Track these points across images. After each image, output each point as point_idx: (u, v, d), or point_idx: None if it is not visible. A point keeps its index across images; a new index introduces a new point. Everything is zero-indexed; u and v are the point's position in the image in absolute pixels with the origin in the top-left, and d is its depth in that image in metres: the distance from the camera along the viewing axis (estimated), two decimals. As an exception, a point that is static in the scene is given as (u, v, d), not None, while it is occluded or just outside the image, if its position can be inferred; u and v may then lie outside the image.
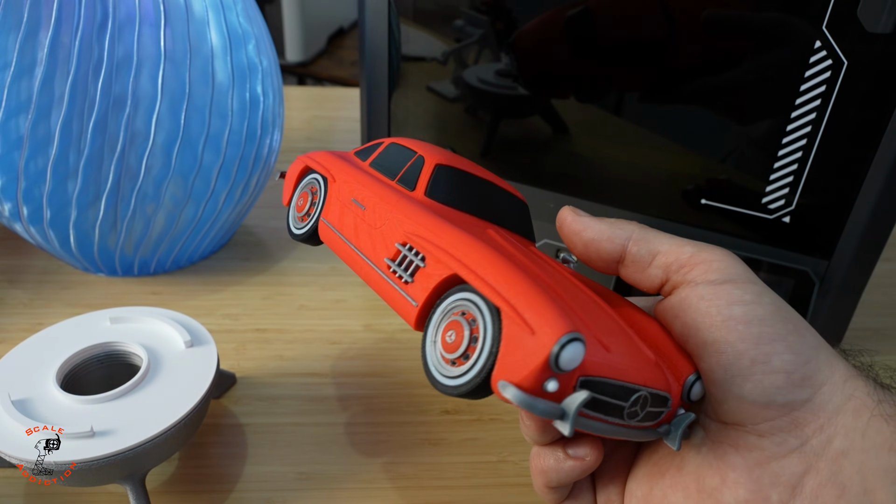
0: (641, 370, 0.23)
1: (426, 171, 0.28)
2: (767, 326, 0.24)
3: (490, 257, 0.22)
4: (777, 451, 0.24)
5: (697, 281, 0.25)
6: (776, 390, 0.23)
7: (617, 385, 0.22)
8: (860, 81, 0.37)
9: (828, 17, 0.36)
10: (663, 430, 0.25)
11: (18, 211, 0.45)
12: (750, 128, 0.41)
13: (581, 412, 0.21)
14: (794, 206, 0.41)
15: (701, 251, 0.26)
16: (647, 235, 0.27)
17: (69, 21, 0.41)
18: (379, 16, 0.50)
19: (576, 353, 0.20)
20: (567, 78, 0.46)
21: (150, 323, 0.38)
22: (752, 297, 0.24)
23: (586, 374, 0.21)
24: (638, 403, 0.23)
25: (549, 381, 0.20)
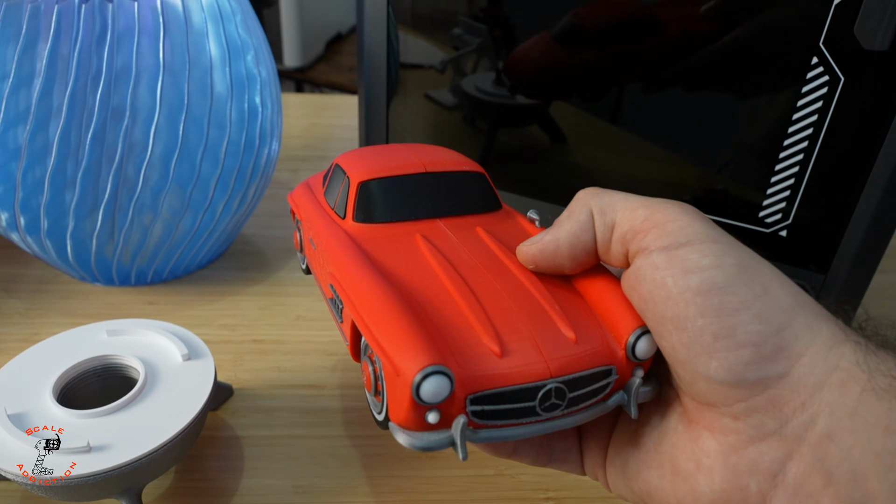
0: (550, 357, 0.22)
1: (352, 194, 0.30)
2: (729, 294, 0.21)
3: (377, 302, 0.23)
4: (754, 435, 0.21)
5: (651, 248, 0.23)
6: (745, 366, 0.21)
7: (513, 390, 0.22)
8: (857, 97, 0.37)
9: (825, 34, 0.36)
10: (615, 400, 0.24)
11: (16, 221, 0.45)
12: (747, 141, 0.42)
13: (485, 425, 0.22)
14: (790, 220, 0.42)
15: (654, 212, 0.23)
16: (602, 204, 0.25)
17: (68, 32, 0.41)
18: (377, 24, 0.50)
19: (437, 385, 0.20)
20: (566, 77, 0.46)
21: (147, 335, 0.38)
22: (710, 260, 0.21)
23: (472, 392, 0.21)
24: (551, 397, 0.22)
25: (428, 415, 0.21)
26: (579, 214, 0.25)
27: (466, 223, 0.30)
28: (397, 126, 0.54)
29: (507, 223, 0.30)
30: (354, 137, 0.79)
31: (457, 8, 0.48)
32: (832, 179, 0.40)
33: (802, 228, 0.42)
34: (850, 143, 0.38)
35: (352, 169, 0.31)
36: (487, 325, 0.23)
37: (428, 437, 0.21)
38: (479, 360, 0.22)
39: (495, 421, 0.22)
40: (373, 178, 0.30)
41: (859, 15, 0.35)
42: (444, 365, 0.20)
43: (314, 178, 0.36)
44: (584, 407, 0.23)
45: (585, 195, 0.25)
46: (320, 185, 0.34)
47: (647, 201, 0.24)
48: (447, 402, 0.21)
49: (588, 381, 0.23)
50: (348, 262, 0.26)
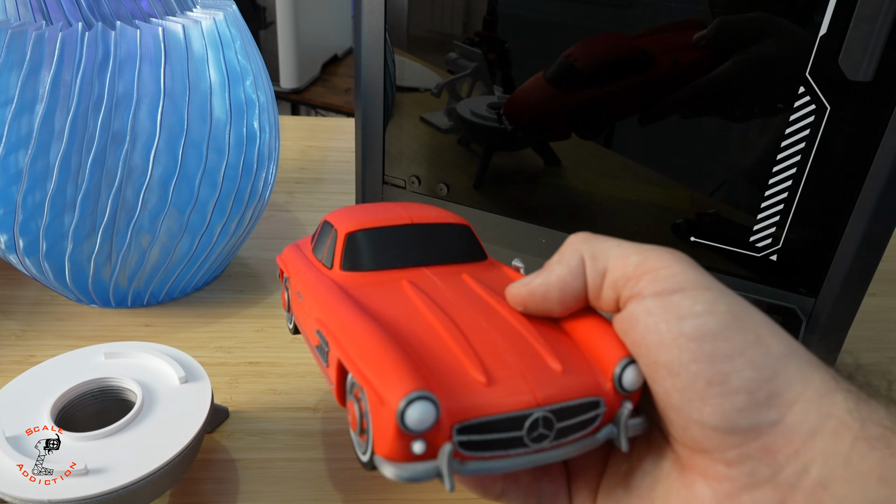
0: (537, 388, 0.22)
1: (339, 245, 0.31)
2: (722, 341, 0.21)
3: (362, 336, 0.23)
4: (747, 482, 0.21)
5: (644, 294, 0.23)
6: (738, 413, 0.21)
7: (500, 419, 0.22)
8: (843, 125, 0.38)
9: (811, 65, 0.37)
10: (605, 434, 0.24)
11: (15, 243, 0.45)
12: (738, 166, 0.42)
13: (472, 457, 0.21)
14: (781, 244, 0.42)
15: (647, 259, 0.23)
16: (594, 250, 0.25)
17: (71, 58, 0.41)
18: (375, 48, 0.51)
19: (422, 411, 0.20)
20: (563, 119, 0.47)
21: (144, 358, 0.38)
22: (703, 307, 0.22)
23: (459, 421, 0.21)
24: (539, 426, 0.22)
25: (414, 444, 0.20)
26: (570, 260, 0.25)
27: (452, 271, 0.30)
28: (393, 149, 0.54)
29: (493, 272, 0.31)
30: (350, 160, 0.80)
31: (452, 32, 0.49)
32: (821, 204, 0.40)
33: (792, 252, 0.42)
34: (838, 169, 0.39)
35: (339, 222, 0.31)
36: (473, 357, 0.23)
37: (414, 467, 0.21)
38: (464, 390, 0.22)
39: (483, 452, 0.22)
40: (359, 228, 0.31)
41: (843, 47, 0.36)
42: (430, 391, 0.20)
43: (303, 240, 0.37)
44: (573, 440, 0.23)
45: (577, 240, 0.25)
46: (309, 244, 0.35)
47: (639, 248, 0.24)
48: (433, 431, 0.21)
49: (576, 412, 0.23)
50: (335, 303, 0.27)
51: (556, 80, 0.45)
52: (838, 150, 0.39)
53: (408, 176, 0.54)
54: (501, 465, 0.22)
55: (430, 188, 0.53)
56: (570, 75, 0.45)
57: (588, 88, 0.45)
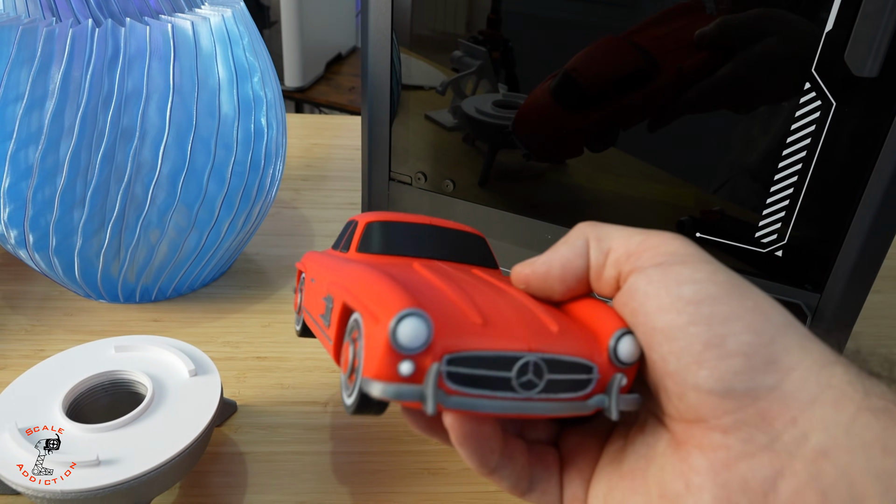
0: (532, 338, 0.23)
1: (358, 232, 0.32)
2: (721, 305, 0.21)
3: (367, 276, 0.23)
4: (744, 450, 0.21)
5: (645, 265, 0.23)
6: (734, 375, 0.21)
7: (492, 356, 0.22)
8: (848, 121, 0.38)
9: (817, 61, 0.37)
10: (596, 401, 0.24)
11: (25, 238, 0.46)
12: (744, 163, 0.43)
13: (458, 391, 0.21)
14: (786, 240, 0.42)
15: (649, 237, 0.24)
16: (599, 233, 0.25)
17: (81, 55, 0.42)
18: (381, 46, 0.52)
19: (414, 326, 0.20)
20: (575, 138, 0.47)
21: (154, 351, 0.39)
22: (704, 275, 0.22)
23: (450, 351, 0.21)
24: (529, 371, 0.22)
25: (402, 364, 0.20)
26: (575, 240, 0.26)
27: (463, 267, 0.31)
28: (399, 146, 0.55)
29: (503, 277, 0.31)
30: (356, 157, 0.80)
31: (456, 30, 0.49)
32: (826, 201, 0.41)
33: (798, 248, 0.42)
34: (843, 165, 0.39)
35: (361, 218, 0.33)
36: (471, 305, 0.23)
37: (399, 386, 0.20)
38: (459, 325, 0.22)
39: (470, 389, 0.22)
40: (379, 220, 0.32)
41: (849, 43, 0.36)
42: (423, 310, 0.21)
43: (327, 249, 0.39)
44: (562, 398, 0.23)
45: (584, 226, 0.26)
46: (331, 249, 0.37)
47: (643, 230, 0.25)
48: (423, 354, 0.21)
49: (567, 369, 0.23)
50: (344, 265, 0.28)
51: (563, 99, 0.46)
52: (844, 146, 0.39)
53: (414, 172, 0.54)
54: (486, 405, 0.22)
55: (436, 185, 0.54)
56: (576, 93, 0.45)
57: (595, 105, 0.45)
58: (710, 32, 0.39)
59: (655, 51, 0.42)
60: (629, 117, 0.44)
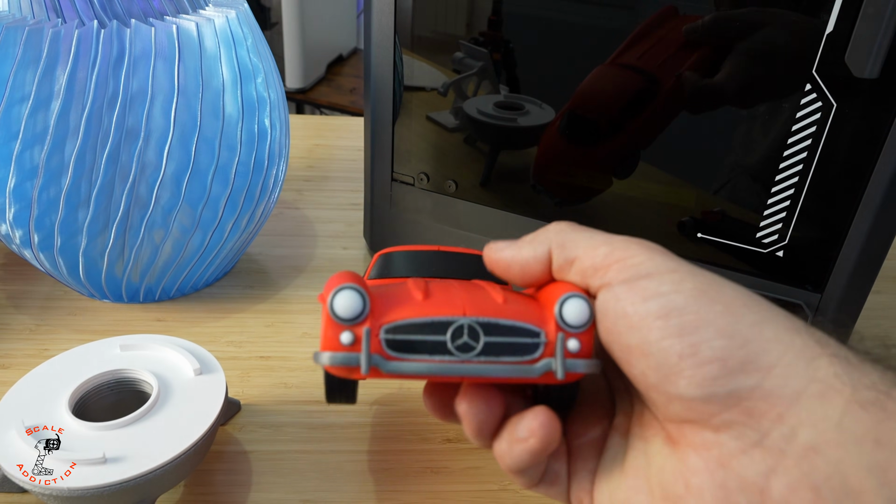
0: (469, 306, 0.24)
1: (371, 262, 0.34)
2: (689, 314, 0.22)
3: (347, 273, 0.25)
4: (737, 446, 0.21)
5: (612, 282, 0.23)
6: (713, 381, 0.21)
7: (426, 321, 0.23)
8: (849, 122, 0.38)
9: (817, 62, 0.37)
10: (543, 364, 0.24)
11: (30, 238, 0.46)
12: (744, 164, 0.43)
13: (396, 357, 0.23)
14: (787, 240, 0.43)
15: (615, 250, 0.24)
16: (564, 240, 0.25)
17: (86, 56, 0.42)
18: (384, 48, 0.52)
19: (347, 297, 0.23)
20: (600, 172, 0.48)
21: (159, 351, 0.39)
22: (669, 287, 0.22)
23: (388, 322, 0.23)
24: (463, 334, 0.23)
25: (342, 335, 0.23)
26: (538, 246, 0.26)
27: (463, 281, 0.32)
28: (401, 147, 0.55)
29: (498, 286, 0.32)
30: (358, 158, 0.80)
31: (457, 32, 0.50)
32: (827, 201, 0.41)
33: (798, 249, 0.43)
34: (844, 166, 0.40)
35: (382, 251, 0.35)
36: (420, 289, 0.25)
37: (340, 353, 0.23)
38: (399, 300, 0.24)
39: (408, 354, 0.23)
40: (392, 251, 0.34)
41: (850, 44, 0.36)
42: (360, 286, 0.23)
43: None
44: (505, 362, 0.24)
45: (552, 230, 0.26)
46: None
47: (608, 239, 0.25)
48: (361, 325, 0.23)
49: (508, 332, 0.24)
50: None
51: (575, 138, 0.46)
52: (844, 147, 0.39)
53: (416, 173, 0.55)
54: (422, 368, 0.23)
55: (439, 185, 0.54)
56: (587, 129, 0.46)
57: (610, 135, 0.46)
58: (703, 28, 0.40)
59: (648, 66, 0.42)
60: (646, 135, 0.45)
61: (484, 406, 0.25)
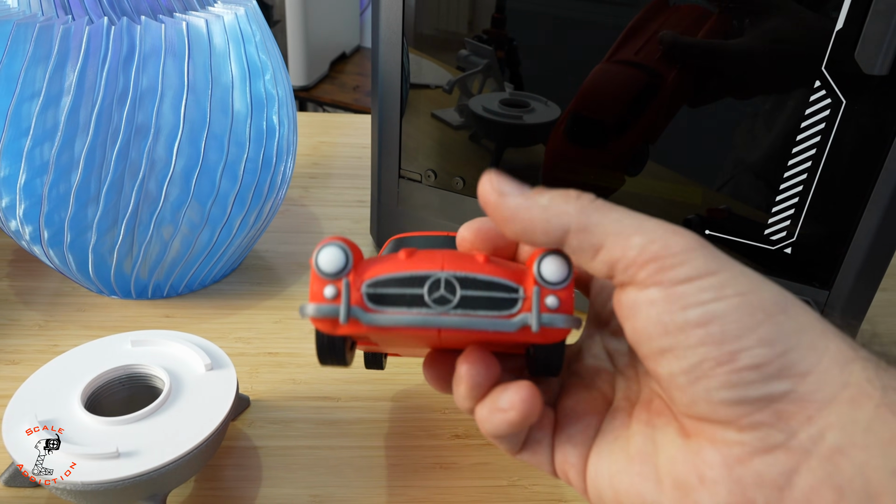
0: (448, 263, 0.24)
1: (384, 247, 0.35)
2: (731, 322, 0.21)
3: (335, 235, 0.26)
4: (759, 446, 0.21)
5: (647, 283, 0.22)
6: (747, 385, 0.21)
7: (404, 276, 0.24)
8: (858, 119, 0.38)
9: (827, 59, 0.38)
10: (520, 319, 0.24)
11: (40, 234, 0.46)
12: (752, 160, 0.43)
13: (376, 310, 0.24)
14: (795, 237, 0.43)
15: (650, 243, 0.22)
16: (588, 224, 0.23)
17: (97, 53, 0.42)
18: (392, 45, 0.52)
19: (330, 253, 0.24)
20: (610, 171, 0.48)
21: (170, 346, 0.39)
22: (710, 294, 0.21)
23: (370, 277, 0.24)
24: (440, 288, 0.24)
25: (326, 289, 0.24)
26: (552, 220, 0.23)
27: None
28: (409, 145, 0.55)
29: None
30: (363, 155, 0.81)
31: (462, 29, 0.50)
32: (835, 199, 0.41)
33: (807, 246, 0.43)
34: (852, 163, 0.40)
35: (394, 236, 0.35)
36: (407, 252, 0.25)
37: (324, 306, 0.24)
38: (383, 260, 0.25)
39: (386, 307, 0.24)
40: (405, 236, 0.34)
41: (860, 41, 0.36)
42: (344, 244, 0.24)
43: None
44: (482, 315, 0.24)
45: (573, 207, 0.23)
46: None
47: (640, 224, 0.22)
48: (343, 279, 0.24)
49: (485, 287, 0.24)
50: None
51: (582, 140, 0.46)
52: (853, 144, 0.39)
53: (423, 170, 0.55)
54: (400, 319, 0.24)
55: (446, 182, 0.54)
56: (593, 130, 0.46)
57: (617, 134, 0.46)
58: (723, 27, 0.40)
59: (647, 60, 0.42)
60: (652, 130, 0.45)
61: (483, 369, 0.25)
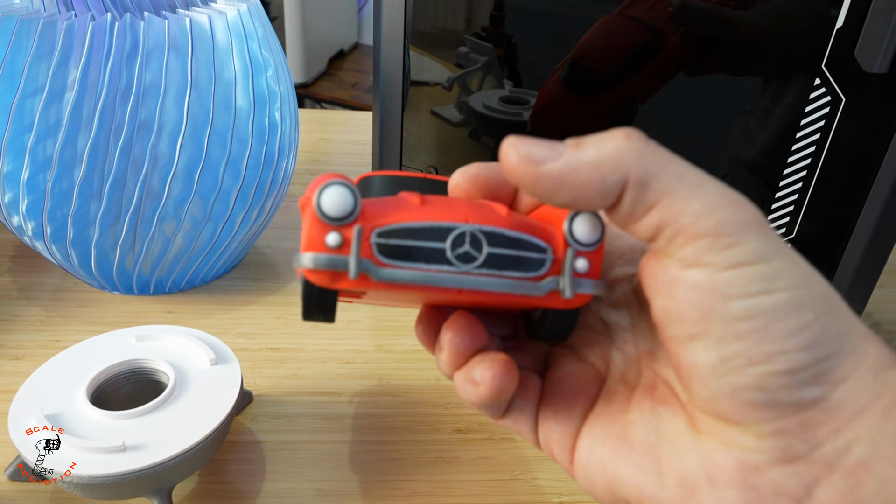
0: (472, 214, 0.21)
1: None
2: (777, 322, 0.19)
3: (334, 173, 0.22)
4: (779, 456, 0.19)
5: (692, 262, 0.19)
6: (779, 389, 0.19)
7: (424, 226, 0.21)
8: (857, 117, 0.39)
9: (827, 57, 0.38)
10: (549, 283, 0.22)
11: (42, 230, 0.46)
12: (751, 157, 0.43)
13: (389, 264, 0.20)
14: (794, 234, 0.43)
15: (709, 213, 0.19)
16: (647, 177, 0.20)
17: (100, 49, 0.42)
18: (394, 42, 0.52)
19: (336, 193, 0.20)
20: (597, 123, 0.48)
21: (175, 341, 0.39)
22: (760, 286, 0.19)
23: (380, 225, 0.20)
24: (465, 242, 0.21)
25: (329, 235, 0.20)
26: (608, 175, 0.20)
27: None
28: (410, 141, 0.55)
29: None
30: (362, 152, 0.81)
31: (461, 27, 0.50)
32: (834, 195, 0.41)
33: (806, 242, 0.43)
34: (851, 160, 0.40)
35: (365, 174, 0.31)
36: (419, 195, 0.22)
37: (324, 255, 0.20)
38: (393, 204, 0.21)
39: (402, 262, 0.21)
40: (375, 175, 0.30)
41: (860, 39, 0.36)
42: (349, 182, 0.20)
43: None
44: (508, 276, 0.21)
45: (631, 150, 0.20)
46: None
47: (703, 188, 0.20)
48: (350, 226, 0.20)
49: (512, 244, 0.21)
50: None
51: (576, 88, 0.46)
52: (852, 142, 0.39)
53: (425, 167, 0.55)
54: (418, 277, 0.21)
55: (448, 179, 0.54)
56: (589, 79, 0.46)
57: (611, 87, 0.46)
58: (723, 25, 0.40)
59: (655, 20, 0.42)
60: (645, 91, 0.44)
61: (468, 337, 0.24)
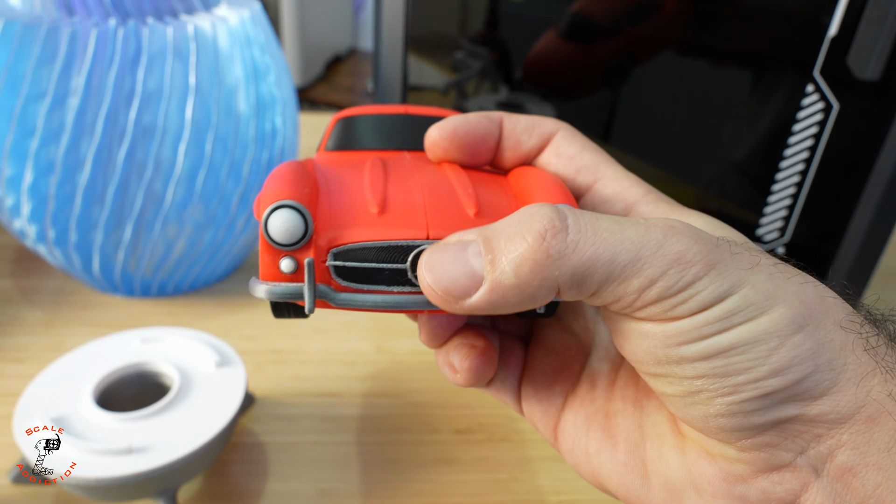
0: (435, 224, 0.20)
1: (328, 129, 0.29)
2: (739, 355, 0.18)
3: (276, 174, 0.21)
4: (763, 466, 0.19)
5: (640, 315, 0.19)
6: (752, 413, 0.18)
7: (382, 245, 0.19)
8: (850, 123, 0.39)
9: (820, 64, 0.39)
10: None
11: (45, 234, 0.47)
12: (744, 162, 0.44)
13: (348, 287, 0.19)
14: (788, 238, 0.44)
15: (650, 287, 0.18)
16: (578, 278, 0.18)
17: (104, 55, 0.43)
18: (395, 48, 0.53)
19: (284, 218, 0.19)
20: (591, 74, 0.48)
21: (180, 343, 0.40)
22: (715, 328, 0.18)
23: (336, 245, 0.19)
24: None
25: (282, 262, 0.19)
26: (538, 294, 0.19)
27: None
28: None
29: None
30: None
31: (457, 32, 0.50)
32: (826, 200, 0.42)
33: (799, 246, 0.44)
34: (844, 166, 0.41)
35: (338, 114, 0.30)
36: (379, 195, 0.21)
37: (282, 285, 0.19)
38: (349, 216, 0.20)
39: (361, 284, 0.20)
40: (351, 115, 0.29)
41: (852, 47, 0.37)
42: (299, 202, 0.19)
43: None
44: None
45: (548, 259, 0.18)
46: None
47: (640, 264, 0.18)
48: (304, 249, 0.19)
49: None
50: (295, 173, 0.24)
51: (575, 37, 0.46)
52: (845, 148, 0.40)
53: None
54: (378, 301, 0.20)
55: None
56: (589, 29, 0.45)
57: (608, 39, 0.46)
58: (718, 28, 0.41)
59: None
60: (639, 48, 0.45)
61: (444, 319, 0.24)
